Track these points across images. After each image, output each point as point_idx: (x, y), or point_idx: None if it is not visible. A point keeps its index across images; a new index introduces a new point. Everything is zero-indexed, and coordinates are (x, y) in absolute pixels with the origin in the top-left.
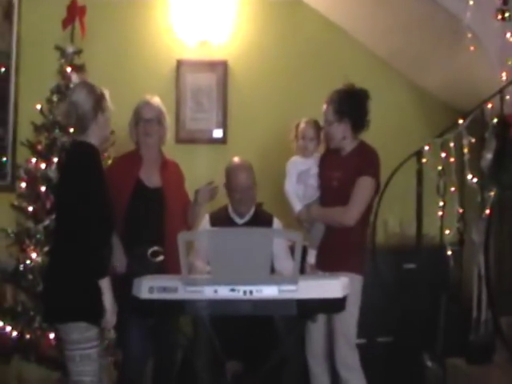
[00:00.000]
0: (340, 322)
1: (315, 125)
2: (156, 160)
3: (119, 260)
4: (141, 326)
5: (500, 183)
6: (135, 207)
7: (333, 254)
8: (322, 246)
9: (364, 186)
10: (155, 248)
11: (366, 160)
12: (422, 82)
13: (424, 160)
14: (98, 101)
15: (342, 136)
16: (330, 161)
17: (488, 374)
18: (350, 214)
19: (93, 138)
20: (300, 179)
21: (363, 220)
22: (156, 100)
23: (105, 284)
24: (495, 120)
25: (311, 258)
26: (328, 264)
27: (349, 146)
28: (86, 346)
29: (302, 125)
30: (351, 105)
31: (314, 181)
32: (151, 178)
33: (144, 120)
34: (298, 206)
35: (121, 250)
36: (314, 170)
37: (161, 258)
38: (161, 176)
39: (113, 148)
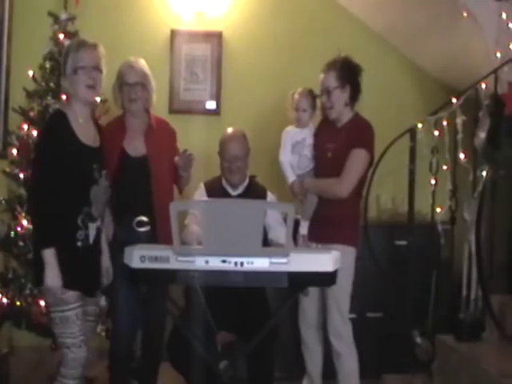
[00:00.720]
0: (333, 293)
1: (309, 95)
2: (141, 126)
3: (106, 228)
4: (131, 295)
5: (493, 161)
6: (121, 177)
7: (326, 225)
8: (315, 218)
9: (357, 158)
10: (140, 218)
11: (360, 132)
12: (417, 59)
13: (417, 137)
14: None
15: (345, 103)
16: (324, 132)
17: (477, 351)
18: (342, 186)
19: (65, 103)
20: (295, 149)
21: (356, 192)
22: (140, 62)
23: (46, 256)
24: (489, 99)
25: (304, 229)
26: (321, 236)
27: (345, 116)
28: (63, 309)
29: (296, 96)
30: (351, 73)
31: (308, 151)
32: (135, 146)
33: (128, 84)
34: (291, 177)
35: (108, 218)
36: (309, 141)
37: (147, 227)
38: (145, 143)
39: (106, 116)
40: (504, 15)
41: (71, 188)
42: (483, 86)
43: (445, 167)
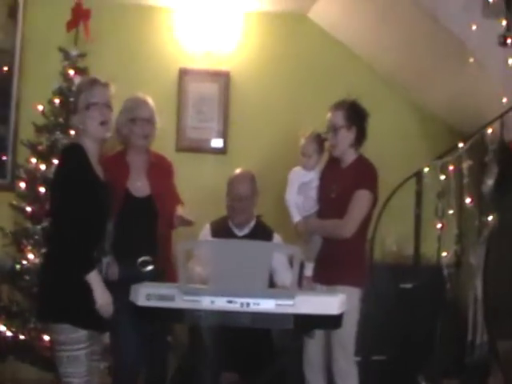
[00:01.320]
0: (338, 334)
1: (316, 140)
2: (142, 163)
3: (110, 267)
4: (135, 333)
5: (499, 208)
6: (124, 218)
7: (330, 267)
8: (320, 259)
9: (361, 200)
10: (144, 258)
11: (364, 173)
12: (424, 102)
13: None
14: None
15: (349, 143)
16: (329, 173)
17: None
18: (346, 227)
19: (79, 138)
20: (301, 190)
21: (360, 233)
22: (149, 98)
23: (92, 277)
24: (496, 146)
25: (308, 270)
26: (325, 277)
27: (349, 157)
28: (73, 348)
29: (302, 141)
30: (359, 115)
31: (314, 193)
32: (139, 186)
33: (142, 119)
34: (297, 216)
35: (110, 257)
36: (316, 183)
37: (150, 267)
38: (149, 182)
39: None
40: (510, 61)
41: (93, 222)
42: (489, 130)
43: (451, 211)
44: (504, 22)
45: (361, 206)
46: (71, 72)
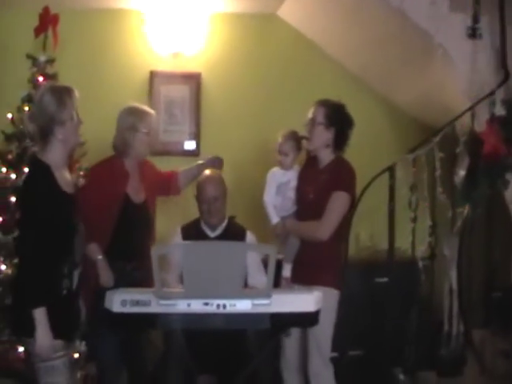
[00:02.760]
0: (314, 335)
1: (293, 137)
2: (137, 171)
3: (106, 275)
4: (115, 339)
5: (472, 199)
6: (122, 223)
7: (308, 268)
8: (297, 260)
9: (338, 201)
10: (134, 263)
11: (341, 175)
12: (393, 97)
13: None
14: (58, 111)
15: (326, 144)
16: (306, 174)
17: None
18: (323, 229)
19: (52, 151)
20: (279, 191)
21: (338, 235)
22: (151, 110)
23: (38, 315)
24: (467, 137)
25: (287, 271)
26: (303, 278)
27: (327, 158)
28: (49, 358)
29: (279, 139)
30: (341, 118)
31: (292, 194)
32: (137, 192)
33: (146, 131)
34: (275, 218)
35: (107, 266)
36: (294, 183)
37: (142, 272)
38: (144, 189)
39: (85, 158)
40: (478, 53)
41: (58, 239)
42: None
43: (424, 204)
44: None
45: (338, 207)
46: (40, 79)
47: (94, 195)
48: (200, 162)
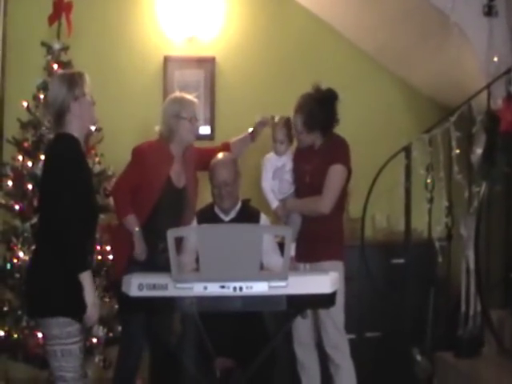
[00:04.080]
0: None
1: (286, 125)
2: (181, 157)
3: (140, 248)
4: (140, 322)
5: (490, 177)
6: (160, 204)
7: (311, 243)
8: (300, 238)
9: (336, 174)
10: (166, 244)
11: (335, 149)
12: (409, 77)
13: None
14: (71, 89)
15: (313, 140)
16: (302, 155)
17: (477, 367)
18: (324, 202)
19: (72, 128)
20: (276, 175)
21: (338, 207)
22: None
23: (85, 278)
24: (483, 116)
25: (290, 250)
26: (308, 254)
27: (319, 141)
28: (67, 342)
29: (273, 126)
30: (320, 113)
31: (289, 176)
32: (179, 177)
33: (194, 118)
34: (274, 202)
35: (142, 239)
36: (289, 166)
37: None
38: (185, 174)
39: (101, 144)
40: (494, 31)
41: (90, 214)
42: (476, 101)
43: (441, 184)
44: None
45: (336, 180)
46: (55, 66)
47: (138, 174)
48: (250, 129)
